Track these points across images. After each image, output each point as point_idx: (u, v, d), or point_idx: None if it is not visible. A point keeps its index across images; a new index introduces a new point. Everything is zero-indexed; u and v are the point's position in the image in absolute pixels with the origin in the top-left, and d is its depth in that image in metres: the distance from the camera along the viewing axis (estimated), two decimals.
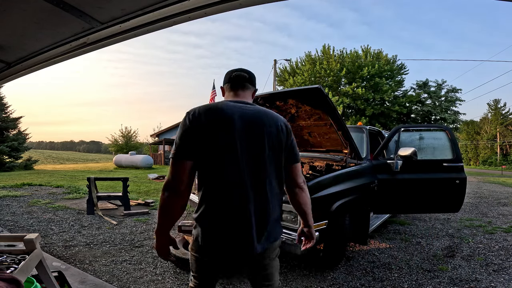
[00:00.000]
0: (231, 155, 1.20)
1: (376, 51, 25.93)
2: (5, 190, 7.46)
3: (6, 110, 17.98)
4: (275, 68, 19.26)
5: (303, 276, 2.91)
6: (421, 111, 26.86)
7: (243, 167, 1.21)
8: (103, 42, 1.65)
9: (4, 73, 2.11)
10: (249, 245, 1.22)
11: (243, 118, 1.24)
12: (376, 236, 4.27)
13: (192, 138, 1.20)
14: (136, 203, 6.09)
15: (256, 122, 1.26)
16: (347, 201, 2.96)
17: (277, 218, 1.33)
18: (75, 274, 2.73)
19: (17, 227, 4.28)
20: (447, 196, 3.73)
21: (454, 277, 2.96)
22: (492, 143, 46.39)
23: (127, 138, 29.80)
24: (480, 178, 16.45)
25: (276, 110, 3.45)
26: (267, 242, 1.27)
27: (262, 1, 1.31)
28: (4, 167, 16.18)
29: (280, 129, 1.30)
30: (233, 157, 1.20)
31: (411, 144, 3.84)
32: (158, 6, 1.33)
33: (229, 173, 1.20)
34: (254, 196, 1.22)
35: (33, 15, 1.39)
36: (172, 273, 2.88)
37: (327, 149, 3.69)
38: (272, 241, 1.31)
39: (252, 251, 1.22)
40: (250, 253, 1.23)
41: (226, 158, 1.20)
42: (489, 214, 6.10)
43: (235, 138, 1.20)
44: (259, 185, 1.24)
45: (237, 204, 1.21)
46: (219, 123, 1.21)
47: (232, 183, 1.21)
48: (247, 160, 1.22)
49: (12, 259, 1.63)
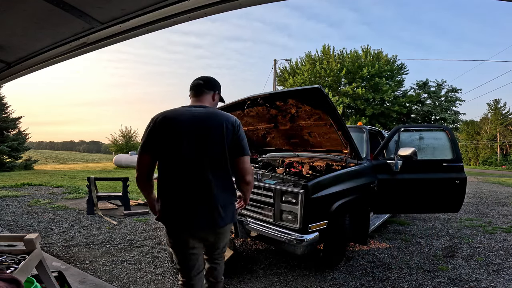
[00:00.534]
0: (177, 150, 1.57)
1: (376, 51, 25.92)
2: (5, 190, 7.46)
3: (6, 110, 17.96)
4: (275, 68, 19.28)
5: (303, 276, 2.91)
6: (421, 111, 26.85)
7: (188, 158, 1.57)
8: (103, 42, 1.65)
9: (4, 73, 2.11)
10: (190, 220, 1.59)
11: (191, 120, 1.60)
12: (376, 236, 4.27)
13: (151, 138, 1.60)
14: (136, 203, 6.09)
15: (202, 122, 1.61)
16: (347, 201, 2.96)
17: (224, 203, 1.63)
18: (75, 274, 2.73)
19: (17, 227, 4.28)
20: (447, 196, 3.72)
21: (454, 277, 2.96)
22: (492, 143, 46.39)
23: (127, 138, 29.78)
24: (480, 178, 16.45)
25: (276, 110, 3.45)
26: (219, 219, 1.60)
27: (262, 1, 1.31)
28: (4, 167, 16.18)
29: (225, 126, 1.60)
30: (179, 151, 1.57)
31: (411, 144, 3.84)
32: (158, 6, 1.33)
33: (175, 164, 1.59)
34: (196, 181, 1.58)
35: (33, 15, 1.39)
36: (172, 273, 2.88)
37: (327, 149, 3.68)
38: (215, 220, 1.60)
39: (192, 224, 1.59)
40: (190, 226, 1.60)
41: (173, 152, 1.58)
42: (489, 214, 6.10)
43: (181, 136, 1.57)
44: (202, 173, 1.58)
45: (181, 188, 1.59)
46: (168, 127, 1.58)
47: (178, 172, 1.59)
48: (193, 153, 1.57)
49: (12, 259, 1.63)
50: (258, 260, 3.26)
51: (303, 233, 2.59)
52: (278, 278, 2.86)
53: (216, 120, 1.61)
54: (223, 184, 1.64)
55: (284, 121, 3.59)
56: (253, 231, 2.93)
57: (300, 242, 2.54)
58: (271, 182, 2.93)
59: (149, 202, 1.78)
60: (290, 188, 2.72)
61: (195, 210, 1.58)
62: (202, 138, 1.58)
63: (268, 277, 2.86)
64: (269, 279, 2.82)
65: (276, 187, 2.83)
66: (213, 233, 1.66)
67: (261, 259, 3.31)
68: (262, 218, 2.94)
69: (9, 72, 2.10)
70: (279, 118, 3.59)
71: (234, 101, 3.71)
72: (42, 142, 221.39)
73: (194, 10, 1.34)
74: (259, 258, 3.32)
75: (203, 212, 1.59)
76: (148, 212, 5.34)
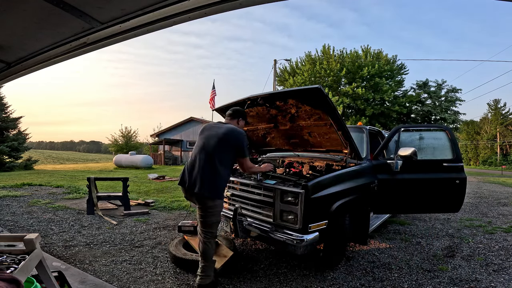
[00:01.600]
0: (199, 148, 2.65)
1: (376, 51, 25.93)
2: (5, 190, 7.46)
3: (6, 110, 17.97)
4: (275, 68, 19.27)
5: (303, 276, 2.91)
6: (421, 111, 26.86)
7: (201, 152, 2.60)
8: (103, 42, 1.65)
9: (4, 73, 2.11)
10: (191, 187, 2.52)
11: (214, 131, 2.66)
12: (376, 236, 4.27)
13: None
14: (136, 203, 6.09)
15: (218, 132, 2.61)
16: (347, 201, 2.96)
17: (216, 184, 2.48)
18: (75, 274, 2.73)
19: (17, 227, 4.28)
20: (447, 196, 3.72)
21: (454, 277, 2.96)
22: (492, 143, 46.38)
23: (127, 138, 29.80)
24: (480, 178, 16.45)
25: (276, 110, 3.45)
26: (202, 189, 2.46)
27: (262, 1, 1.31)
28: (4, 167, 16.18)
29: (230, 136, 2.59)
30: (199, 149, 2.63)
31: (411, 144, 3.84)
32: (158, 6, 1.33)
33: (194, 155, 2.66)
34: (201, 166, 2.53)
35: (33, 15, 1.39)
36: (172, 273, 2.88)
37: (327, 149, 3.68)
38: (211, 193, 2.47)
39: (192, 190, 2.50)
40: (191, 191, 2.52)
41: (197, 149, 2.67)
42: (489, 214, 6.10)
43: (203, 140, 2.66)
44: (207, 162, 2.52)
45: (191, 168, 2.60)
46: (202, 133, 2.74)
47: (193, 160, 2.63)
48: (205, 150, 2.59)
49: (12, 259, 1.62)
50: (258, 260, 3.26)
51: (303, 233, 2.59)
52: (278, 278, 2.86)
53: (227, 132, 2.60)
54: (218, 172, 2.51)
55: (284, 121, 3.59)
56: (253, 231, 2.93)
57: (300, 242, 2.53)
58: (271, 182, 2.93)
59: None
60: (290, 188, 2.72)
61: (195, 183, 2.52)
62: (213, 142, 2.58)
63: (268, 277, 2.86)
64: (269, 279, 2.82)
65: (276, 187, 2.82)
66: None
67: (261, 259, 3.31)
68: (262, 218, 2.94)
69: (9, 72, 2.10)
70: (279, 118, 3.59)
71: (234, 101, 3.71)
72: (42, 142, 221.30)
73: (194, 10, 1.34)
74: (259, 258, 3.32)
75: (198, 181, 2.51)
76: (148, 212, 5.34)
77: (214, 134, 2.59)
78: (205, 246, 2.53)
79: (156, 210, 5.66)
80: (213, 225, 2.56)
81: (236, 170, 3.79)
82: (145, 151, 33.55)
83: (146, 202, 6.10)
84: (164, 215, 5.28)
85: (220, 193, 2.53)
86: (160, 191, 8.35)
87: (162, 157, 24.98)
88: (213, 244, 2.59)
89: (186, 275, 2.83)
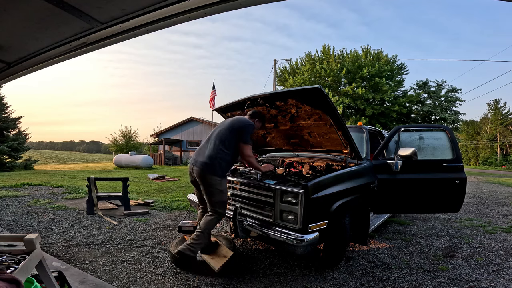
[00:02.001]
0: (208, 136, 3.09)
1: (376, 51, 25.94)
2: (5, 190, 7.46)
3: (6, 110, 17.97)
4: (275, 68, 19.26)
5: (303, 276, 2.91)
6: (421, 111, 26.86)
7: (209, 138, 3.03)
8: (103, 42, 1.65)
9: (4, 73, 2.11)
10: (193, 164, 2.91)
11: (224, 122, 3.08)
12: (376, 236, 4.27)
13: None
14: (136, 203, 6.09)
15: (227, 121, 3.07)
16: (347, 201, 2.96)
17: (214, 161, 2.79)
18: (75, 274, 2.73)
19: (17, 227, 4.28)
20: (447, 196, 3.72)
21: (454, 277, 2.96)
22: (492, 143, 46.39)
23: (127, 138, 29.79)
24: (480, 178, 16.45)
25: (276, 110, 3.45)
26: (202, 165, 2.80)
27: (262, 1, 1.31)
28: (4, 167, 16.18)
29: (236, 121, 3.00)
30: (208, 136, 3.08)
31: (411, 144, 3.84)
32: (158, 6, 1.33)
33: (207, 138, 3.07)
34: (204, 146, 2.98)
35: (33, 15, 1.39)
36: (172, 273, 2.88)
37: (327, 149, 3.68)
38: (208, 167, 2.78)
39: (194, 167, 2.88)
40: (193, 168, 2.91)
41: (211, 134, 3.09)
42: (489, 214, 6.10)
43: (213, 130, 3.08)
44: (210, 143, 2.94)
45: (197, 151, 3.02)
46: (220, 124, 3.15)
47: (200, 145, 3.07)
48: (212, 135, 3.02)
49: (12, 259, 1.63)
50: (258, 260, 3.26)
51: (303, 233, 2.59)
52: (278, 278, 2.85)
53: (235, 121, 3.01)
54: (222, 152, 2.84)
55: (284, 121, 3.59)
56: (253, 231, 2.93)
57: (300, 242, 2.53)
58: (271, 182, 2.93)
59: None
60: (290, 188, 2.72)
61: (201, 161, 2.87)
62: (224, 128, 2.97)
63: (268, 277, 2.86)
64: (269, 279, 2.82)
65: (276, 187, 2.82)
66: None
67: (261, 259, 3.31)
68: (262, 218, 2.94)
69: (9, 72, 2.10)
70: (279, 118, 3.59)
71: (234, 101, 3.72)
72: (42, 142, 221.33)
73: (194, 10, 1.34)
74: (259, 258, 3.32)
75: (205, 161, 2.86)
76: (148, 212, 5.34)
77: (223, 124, 3.05)
78: (207, 218, 2.81)
79: (156, 210, 5.66)
80: (216, 204, 2.80)
81: (236, 170, 3.79)
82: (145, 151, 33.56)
83: (146, 202, 6.10)
84: (164, 215, 5.28)
85: (216, 169, 2.73)
86: (160, 191, 8.35)
87: (162, 157, 24.99)
88: (216, 221, 2.83)
89: (186, 275, 2.83)
